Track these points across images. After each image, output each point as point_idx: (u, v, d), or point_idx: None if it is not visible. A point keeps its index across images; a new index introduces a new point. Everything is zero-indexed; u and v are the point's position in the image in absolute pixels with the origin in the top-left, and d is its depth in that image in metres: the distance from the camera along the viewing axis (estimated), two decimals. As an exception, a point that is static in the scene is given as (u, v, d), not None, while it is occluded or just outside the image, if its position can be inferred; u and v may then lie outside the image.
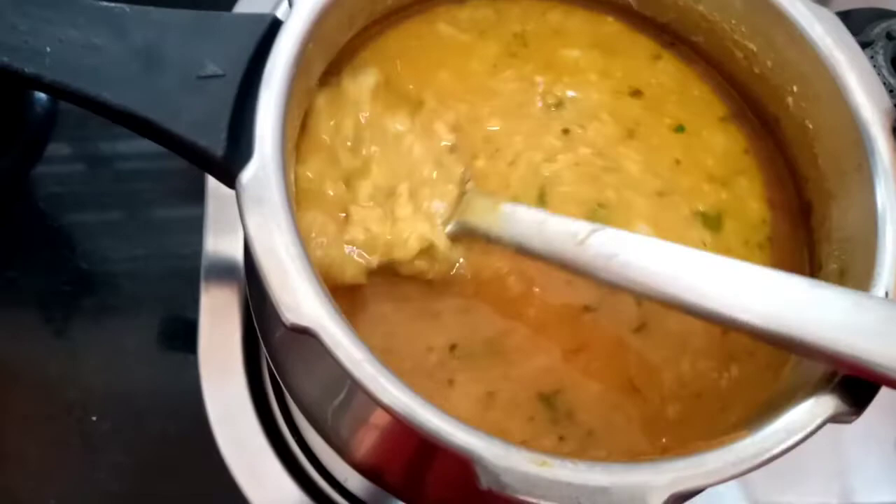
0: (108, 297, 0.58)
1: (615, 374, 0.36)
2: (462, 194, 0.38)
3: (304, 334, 0.28)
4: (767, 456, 0.29)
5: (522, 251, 0.35)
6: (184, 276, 0.56)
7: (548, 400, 0.35)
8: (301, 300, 0.28)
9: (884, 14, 0.60)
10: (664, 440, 0.35)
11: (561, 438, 0.35)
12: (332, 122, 0.37)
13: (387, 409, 0.27)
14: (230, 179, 0.31)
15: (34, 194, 0.61)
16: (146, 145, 0.34)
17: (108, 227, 0.60)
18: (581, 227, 0.34)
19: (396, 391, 0.28)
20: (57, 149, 0.62)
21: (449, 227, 0.37)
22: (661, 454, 0.33)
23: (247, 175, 0.30)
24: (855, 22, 0.60)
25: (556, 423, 0.35)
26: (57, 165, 0.62)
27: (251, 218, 0.29)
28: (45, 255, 0.59)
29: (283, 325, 0.28)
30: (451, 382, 0.35)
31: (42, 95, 0.62)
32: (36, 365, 0.56)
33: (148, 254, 0.59)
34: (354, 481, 0.52)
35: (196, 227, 0.56)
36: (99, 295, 0.58)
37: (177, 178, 0.61)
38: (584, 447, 0.35)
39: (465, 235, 0.37)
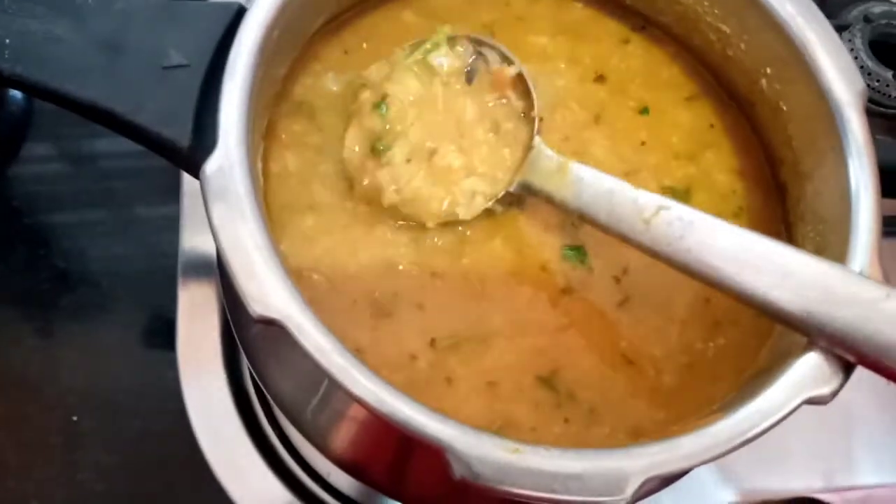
0: (87, 296, 0.57)
1: (606, 348, 0.37)
2: (526, 155, 0.37)
3: (273, 325, 0.27)
4: (742, 439, 0.29)
5: (586, 219, 0.35)
6: (163, 273, 0.55)
7: (548, 382, 0.35)
8: (268, 291, 0.28)
9: (861, -3, 0.60)
10: (663, 414, 0.35)
11: (566, 420, 0.35)
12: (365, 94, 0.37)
13: (356, 399, 0.27)
14: (197, 171, 0.31)
15: (10, 194, 0.60)
16: (124, 143, 0.34)
17: (86, 225, 0.59)
18: (650, 201, 0.34)
19: (366, 381, 0.27)
20: (33, 148, 0.61)
21: (512, 187, 0.37)
22: (660, 429, 0.34)
23: (211, 166, 0.29)
24: (832, 5, 0.59)
25: (559, 406, 0.35)
26: (33, 165, 0.61)
27: (215, 209, 0.28)
28: (23, 255, 0.58)
29: (251, 316, 0.28)
30: (449, 381, 0.35)
31: (17, 94, 0.62)
32: (15, 364, 0.55)
33: (127, 252, 0.59)
34: (337, 476, 0.51)
35: (176, 225, 0.55)
36: (78, 293, 0.57)
37: (156, 176, 0.60)
38: (588, 425, 0.35)
39: (527, 195, 0.37)
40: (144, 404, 0.54)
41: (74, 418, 0.53)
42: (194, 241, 0.54)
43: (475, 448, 0.27)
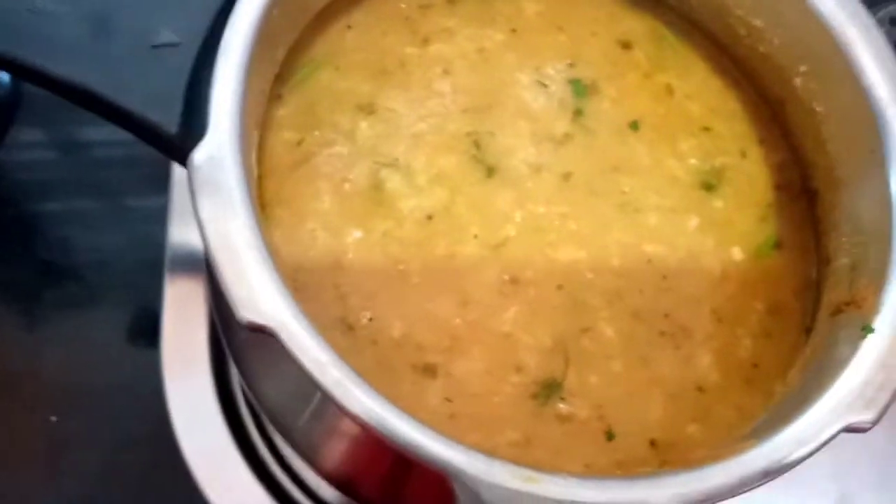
0: (72, 290, 0.55)
1: None
2: None
3: (263, 333, 0.25)
4: (776, 468, 0.27)
5: None
6: (152, 268, 0.53)
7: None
8: (258, 295, 0.25)
9: (886, -2, 0.58)
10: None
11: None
12: None
13: (354, 417, 0.24)
14: (185, 159, 0.28)
15: (-6, 181, 0.58)
16: (118, 131, 0.32)
17: (73, 216, 0.57)
18: None
19: (365, 397, 0.25)
20: (20, 134, 0.59)
21: None
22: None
23: (200, 155, 0.26)
24: (858, 6, 0.57)
25: None
26: (20, 152, 0.59)
27: (203, 202, 0.26)
28: (5, 246, 0.56)
29: (239, 323, 0.25)
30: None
31: (5, 77, 0.59)
32: (-3, 358, 0.53)
33: (115, 244, 0.57)
34: (327, 489, 0.49)
35: (166, 217, 0.53)
36: (63, 287, 0.55)
37: (148, 166, 0.57)
38: None
39: None
40: (126, 406, 0.51)
41: (53, 419, 0.51)
42: (183, 234, 0.51)
43: (486, 475, 0.24)
